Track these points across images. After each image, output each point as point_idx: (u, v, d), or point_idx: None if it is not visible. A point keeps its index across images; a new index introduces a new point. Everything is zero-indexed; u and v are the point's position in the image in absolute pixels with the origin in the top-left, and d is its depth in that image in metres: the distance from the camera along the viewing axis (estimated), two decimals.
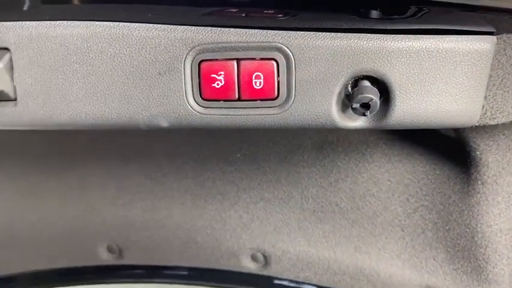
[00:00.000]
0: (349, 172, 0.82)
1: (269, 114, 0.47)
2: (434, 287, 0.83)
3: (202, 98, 0.47)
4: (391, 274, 0.85)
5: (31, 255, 1.01)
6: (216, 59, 0.45)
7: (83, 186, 0.95)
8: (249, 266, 0.93)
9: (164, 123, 0.47)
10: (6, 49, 0.48)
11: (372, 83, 0.45)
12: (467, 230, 0.76)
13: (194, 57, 0.46)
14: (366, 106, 0.44)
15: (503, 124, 0.61)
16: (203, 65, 0.46)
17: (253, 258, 0.92)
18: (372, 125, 0.47)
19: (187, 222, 0.93)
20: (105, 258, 0.98)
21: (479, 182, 0.71)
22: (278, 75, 0.46)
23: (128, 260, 0.98)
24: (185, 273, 0.98)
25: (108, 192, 0.94)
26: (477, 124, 0.49)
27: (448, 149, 0.73)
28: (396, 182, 0.80)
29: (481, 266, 0.78)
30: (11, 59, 0.48)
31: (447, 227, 0.78)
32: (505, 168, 0.69)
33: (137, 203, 0.94)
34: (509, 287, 0.78)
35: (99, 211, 0.96)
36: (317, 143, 0.81)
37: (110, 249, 0.97)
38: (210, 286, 1.04)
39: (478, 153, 0.67)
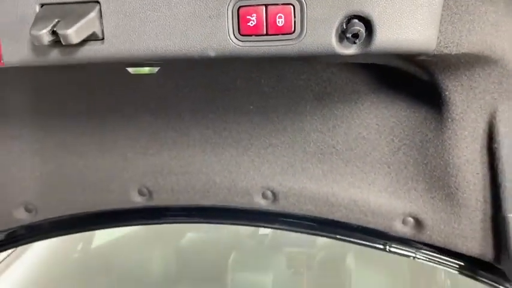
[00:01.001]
0: (344, 119, 0.99)
1: (288, 45, 0.65)
2: (416, 214, 1.00)
3: (240, 34, 0.65)
4: (380, 204, 1.01)
5: (73, 200, 1.16)
6: (250, 5, 0.63)
7: (117, 140, 1.11)
8: (261, 202, 1.09)
9: (212, 54, 0.65)
10: (97, 2, 0.67)
11: (360, 20, 0.64)
12: (442, 162, 0.93)
13: (234, 4, 0.65)
14: (355, 36, 0.63)
15: (465, 66, 0.79)
16: (241, 10, 0.64)
17: (264, 195, 1.08)
18: (360, 51, 0.65)
19: (207, 167, 1.09)
20: (137, 200, 1.14)
21: (449, 120, 0.88)
22: (294, 16, 0.64)
23: (156, 202, 1.14)
24: (207, 212, 1.14)
25: (139, 143, 1.10)
26: (435, 53, 0.68)
27: (424, 94, 0.90)
28: (383, 126, 0.97)
29: (453, 192, 0.95)
30: (100, 9, 0.66)
31: (425, 161, 0.95)
32: (469, 106, 0.86)
33: (164, 152, 1.10)
34: (475, 209, 0.95)
35: (131, 160, 1.11)
36: (317, 95, 0.98)
37: (141, 193, 1.13)
38: (228, 223, 1.21)
39: (446, 93, 0.84)
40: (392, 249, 1.09)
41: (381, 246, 1.10)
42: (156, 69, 0.85)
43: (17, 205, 1.18)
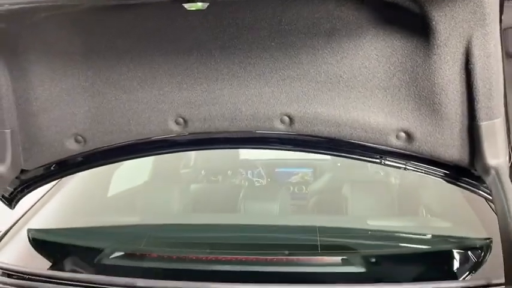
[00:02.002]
0: (349, 51, 1.19)
1: None
2: (407, 128, 1.23)
3: None
4: (378, 122, 1.24)
5: (118, 131, 1.35)
6: None
7: (155, 76, 1.29)
8: (279, 127, 1.30)
9: None
10: None
11: None
12: (428, 83, 1.16)
13: None
14: None
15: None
16: None
17: (282, 121, 1.29)
18: None
19: (234, 98, 1.29)
20: (174, 129, 1.34)
21: (435, 46, 1.10)
22: None
23: (191, 130, 1.34)
24: (235, 136, 1.34)
25: (175, 78, 1.29)
26: None
27: (414, 25, 1.10)
28: (381, 55, 1.18)
29: (437, 108, 1.17)
30: None
31: (415, 84, 1.17)
32: (451, 34, 1.07)
33: (197, 86, 1.29)
34: (455, 121, 1.18)
35: (168, 93, 1.30)
36: (328, 31, 1.17)
37: (177, 122, 1.33)
38: (254, 147, 1.40)
39: (433, 23, 1.05)
40: (387, 162, 1.33)
41: (377, 160, 1.33)
42: (206, 5, 1.00)
43: (68, 136, 1.36)
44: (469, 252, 1.33)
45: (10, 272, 1.32)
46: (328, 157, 2.57)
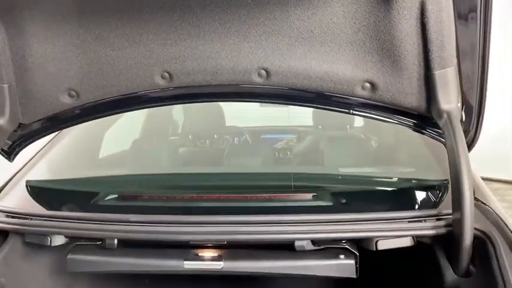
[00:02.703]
0: (319, 8, 1.31)
1: None
2: (371, 79, 1.36)
3: None
4: (345, 74, 1.37)
5: (108, 85, 1.45)
6: None
7: (142, 33, 1.40)
8: (257, 80, 1.42)
9: None
10: None
11: None
12: (389, 37, 1.28)
13: None
14: None
15: None
16: None
17: (259, 74, 1.42)
18: None
19: (215, 53, 1.40)
20: (160, 83, 1.45)
21: (393, 2, 1.22)
22: None
23: (176, 84, 1.45)
24: (217, 91, 1.46)
25: (160, 36, 1.39)
26: None
27: None
28: (347, 12, 1.29)
29: (397, 59, 1.30)
30: None
31: (378, 38, 1.30)
32: None
33: (180, 42, 1.40)
34: (413, 70, 1.31)
35: (154, 50, 1.41)
36: None
37: (163, 77, 1.44)
38: (234, 100, 1.52)
39: None
40: (354, 112, 1.46)
41: (346, 110, 1.47)
42: None
43: (62, 91, 1.47)
44: (427, 191, 1.49)
45: (12, 214, 1.45)
46: (311, 122, 2.72)
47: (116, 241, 1.39)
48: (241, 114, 3.37)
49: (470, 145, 1.39)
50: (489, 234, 1.22)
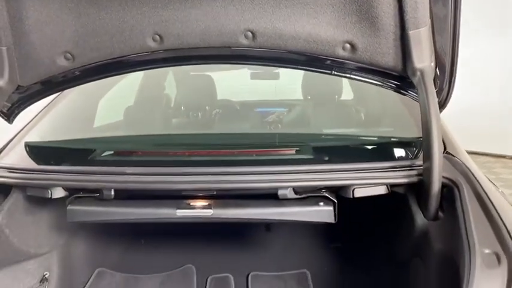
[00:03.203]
0: None
1: None
2: (351, 40, 1.44)
3: None
4: (327, 35, 1.45)
5: (102, 48, 1.52)
6: None
7: None
8: (244, 42, 1.50)
9: None
10: None
11: None
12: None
13: None
14: None
15: None
16: None
17: (246, 36, 1.49)
18: None
19: (203, 16, 1.47)
20: (152, 45, 1.52)
21: None
22: None
23: (167, 46, 1.52)
24: (206, 53, 1.53)
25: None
26: None
27: None
28: None
29: (375, 21, 1.38)
30: None
31: (357, 0, 1.38)
32: None
33: (170, 5, 1.46)
34: (389, 31, 1.39)
35: (145, 13, 1.48)
36: None
37: (154, 39, 1.51)
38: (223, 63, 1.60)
39: None
40: (336, 73, 1.55)
41: (329, 71, 1.55)
42: None
43: (58, 54, 1.54)
44: (402, 147, 1.59)
45: (14, 170, 1.54)
46: (299, 96, 2.80)
47: (112, 192, 1.48)
48: (232, 89, 3.45)
49: (443, 104, 1.48)
50: (456, 182, 1.32)
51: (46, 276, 1.84)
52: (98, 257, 2.12)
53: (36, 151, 1.75)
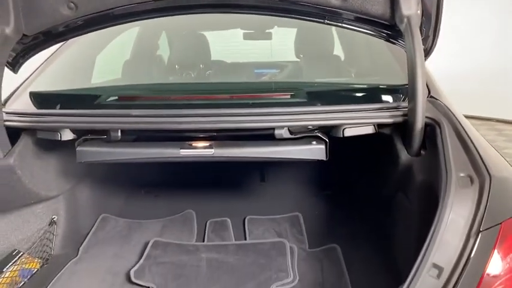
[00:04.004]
0: None
1: None
2: None
3: None
4: None
5: None
6: None
7: None
8: None
9: None
10: None
11: None
12: None
13: None
14: None
15: None
16: None
17: None
18: None
19: None
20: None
21: None
22: None
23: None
24: (205, 2, 1.59)
25: None
26: None
27: None
28: None
29: None
30: None
31: None
32: None
33: None
34: None
35: None
36: None
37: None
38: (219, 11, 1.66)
39: None
40: (329, 22, 1.63)
41: (321, 20, 1.63)
42: None
43: (62, 3, 1.59)
44: (389, 93, 1.69)
45: (24, 114, 1.62)
46: (294, 56, 2.86)
47: (119, 133, 1.57)
48: (225, 51, 3.50)
49: (428, 51, 1.58)
50: (438, 121, 1.44)
51: (54, 219, 1.95)
52: (101, 203, 2.23)
53: (41, 100, 1.82)
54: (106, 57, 2.52)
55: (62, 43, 2.08)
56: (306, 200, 2.29)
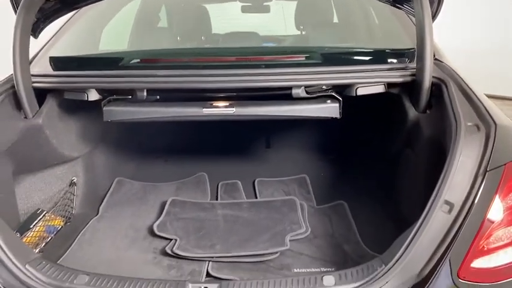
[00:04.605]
0: None
1: None
2: None
3: None
4: None
5: None
6: None
7: None
8: None
9: None
10: None
11: None
12: None
13: None
14: None
15: None
16: None
17: None
18: None
19: None
20: None
21: None
22: None
23: None
24: None
25: None
26: None
27: None
28: None
29: None
30: None
31: None
32: None
33: None
34: None
35: None
36: None
37: None
38: None
39: None
40: None
41: None
42: None
43: None
44: (398, 56, 1.79)
45: (51, 75, 1.69)
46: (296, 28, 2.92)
47: (145, 92, 1.66)
48: (224, 25, 3.54)
49: (434, 15, 1.68)
50: (444, 80, 1.55)
51: (74, 180, 2.04)
52: (115, 167, 2.32)
53: (60, 65, 1.87)
54: (112, 29, 2.57)
55: (74, 12, 2.13)
56: (312, 163, 2.41)
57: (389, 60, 1.73)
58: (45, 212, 1.91)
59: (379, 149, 2.06)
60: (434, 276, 1.15)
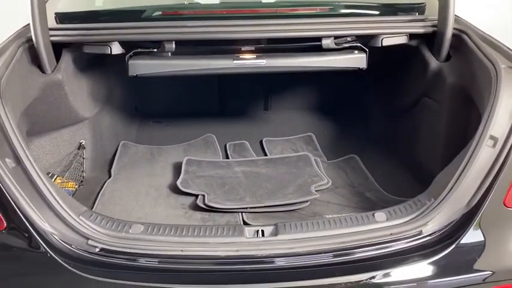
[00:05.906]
0: None
1: None
2: None
3: None
4: None
5: None
6: None
7: None
8: None
9: None
10: None
11: None
12: None
13: None
14: None
15: None
16: None
17: None
18: None
19: None
20: None
21: None
22: None
23: None
24: None
25: None
26: None
27: None
28: None
29: None
30: None
31: None
32: None
33: None
34: None
35: None
36: None
37: None
38: None
39: None
40: None
41: None
42: None
43: None
44: (419, 9, 1.84)
45: (68, 29, 1.59)
46: None
47: (174, 44, 1.61)
48: None
49: None
50: (465, 30, 1.63)
51: (83, 143, 1.96)
52: (119, 131, 2.25)
53: (69, 20, 1.76)
54: None
55: None
56: (316, 122, 2.45)
57: (410, 13, 1.79)
58: (55, 175, 1.83)
59: (386, 103, 2.13)
60: (482, 206, 1.24)
